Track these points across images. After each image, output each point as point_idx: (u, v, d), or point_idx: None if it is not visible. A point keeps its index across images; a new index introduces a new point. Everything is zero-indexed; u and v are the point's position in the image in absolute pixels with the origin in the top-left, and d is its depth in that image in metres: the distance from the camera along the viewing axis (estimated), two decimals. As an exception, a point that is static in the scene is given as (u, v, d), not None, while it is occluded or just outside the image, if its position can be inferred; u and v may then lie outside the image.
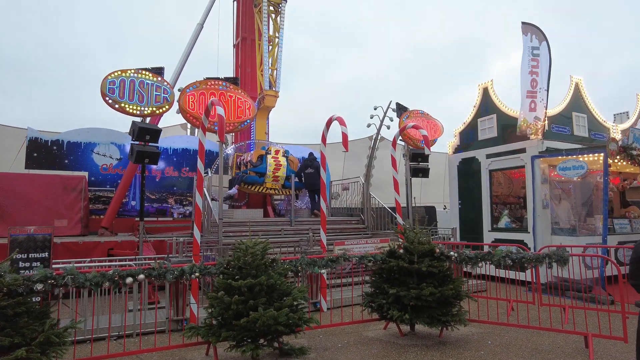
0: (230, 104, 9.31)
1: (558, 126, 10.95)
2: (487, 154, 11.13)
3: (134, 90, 8.28)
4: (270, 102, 12.91)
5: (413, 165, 11.55)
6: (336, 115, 7.40)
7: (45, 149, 12.42)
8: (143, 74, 8.41)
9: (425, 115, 12.18)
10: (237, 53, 15.97)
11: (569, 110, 11.29)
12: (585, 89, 11.75)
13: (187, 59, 14.46)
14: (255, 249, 4.74)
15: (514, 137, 10.52)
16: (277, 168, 11.65)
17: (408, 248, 5.66)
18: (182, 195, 13.84)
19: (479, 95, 11.73)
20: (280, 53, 13.12)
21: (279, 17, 13.31)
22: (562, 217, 10.18)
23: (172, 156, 13.84)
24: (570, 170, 9.30)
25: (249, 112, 9.69)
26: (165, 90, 8.61)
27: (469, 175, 11.68)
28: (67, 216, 11.29)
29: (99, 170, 12.88)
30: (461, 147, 12.18)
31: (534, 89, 10.10)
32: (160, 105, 8.50)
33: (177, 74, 14.00)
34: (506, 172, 11.15)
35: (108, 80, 8.11)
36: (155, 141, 8.29)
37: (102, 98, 8.19)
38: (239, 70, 15.63)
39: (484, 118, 11.47)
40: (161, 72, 8.70)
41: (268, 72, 13.00)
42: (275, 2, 13.27)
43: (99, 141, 12.98)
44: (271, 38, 13.30)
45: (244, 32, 15.32)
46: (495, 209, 11.08)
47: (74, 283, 4.32)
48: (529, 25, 10.39)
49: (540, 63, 10.12)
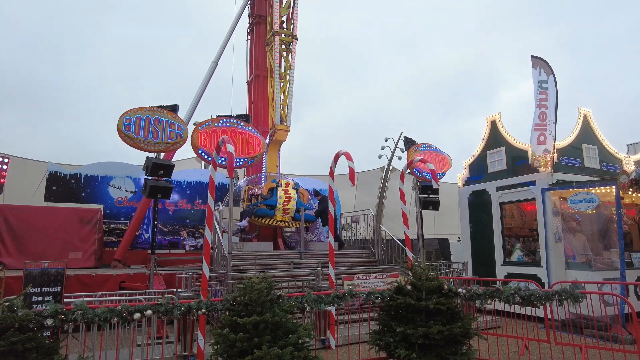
0: (241, 140, 9.60)
1: (568, 158, 10.90)
2: (497, 186, 11.09)
3: (149, 127, 8.62)
4: (282, 136, 13.21)
5: (423, 198, 11.55)
6: (343, 151, 7.55)
7: (63, 182, 12.84)
8: (158, 111, 8.78)
9: (433, 148, 12.28)
10: (250, 89, 16.52)
11: (579, 142, 11.26)
12: (594, 120, 11.75)
13: (201, 95, 15.01)
14: (261, 285, 4.78)
15: (523, 170, 10.50)
16: (287, 200, 11.78)
17: (416, 284, 5.61)
18: (194, 227, 14.02)
19: (487, 128, 11.82)
20: (291, 89, 13.54)
21: (290, 55, 13.82)
22: (577, 250, 9.96)
23: (185, 189, 14.14)
24: (582, 203, 9.18)
25: (259, 147, 9.95)
26: (179, 127, 8.94)
27: (479, 207, 11.61)
28: (82, 248, 11.53)
29: (114, 203, 13.20)
30: (471, 179, 12.17)
31: (543, 122, 10.17)
32: (174, 142, 8.81)
33: (192, 109, 14.50)
34: (518, 204, 11.05)
35: (125, 118, 8.47)
36: (168, 176, 8.54)
37: (118, 135, 8.54)
38: (252, 105, 16.11)
39: (493, 150, 11.51)
40: (176, 109, 9.06)
41: (279, 107, 13.38)
42: (286, 41, 13.82)
43: (115, 174, 13.38)
44: (283, 75, 13.76)
45: (257, 69, 15.91)
46: (508, 242, 10.92)
47: (83, 318, 4.40)
48: (538, 59, 10.57)
49: (548, 96, 10.24)
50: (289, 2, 14.16)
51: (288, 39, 13.83)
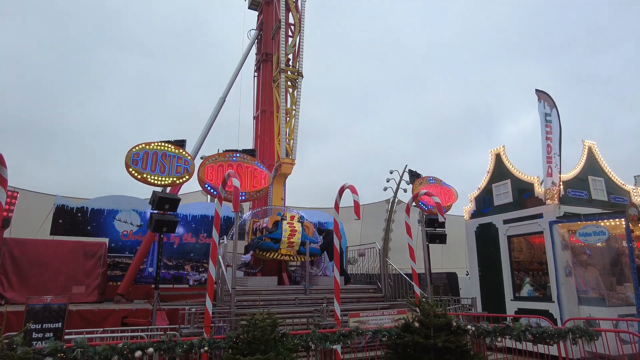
0: (246, 174, 9.70)
1: (574, 190, 10.83)
2: (504, 219, 10.98)
3: (157, 162, 8.75)
4: (287, 170, 13.32)
5: (430, 231, 11.44)
6: (348, 184, 7.58)
7: (70, 215, 12.91)
8: (166, 146, 8.94)
9: (438, 181, 12.29)
10: (257, 124, 16.85)
11: (585, 174, 11.22)
12: (599, 152, 11.77)
13: (209, 129, 15.31)
14: (265, 322, 4.69)
15: (530, 202, 10.43)
16: (292, 234, 11.71)
17: (423, 322, 5.47)
18: (198, 261, 13.91)
19: (492, 161, 11.85)
20: (296, 124, 13.79)
21: (295, 92, 14.17)
22: (590, 284, 9.71)
23: (190, 222, 14.14)
24: (591, 236, 9.04)
25: (264, 181, 10.03)
26: (186, 161, 9.07)
27: (487, 241, 11.45)
28: (85, 282, 11.43)
29: (119, 237, 13.19)
30: (477, 212, 12.08)
31: (550, 155, 10.19)
32: (180, 176, 8.91)
33: (200, 144, 14.75)
34: (526, 237, 10.90)
35: (132, 153, 8.63)
36: (174, 210, 8.58)
37: (126, 169, 8.66)
38: (258, 140, 16.37)
39: (499, 183, 11.48)
40: (183, 144, 9.23)
41: (285, 141, 13.58)
42: (292, 78, 14.21)
43: (121, 208, 13.45)
44: (288, 110, 14.06)
45: (264, 105, 16.29)
46: (517, 276, 10.68)
47: (83, 357, 4.31)
48: (542, 93, 10.74)
49: (552, 129, 10.31)
50: (295, 41, 14.67)
51: (294, 76, 14.23)
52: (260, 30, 17.85)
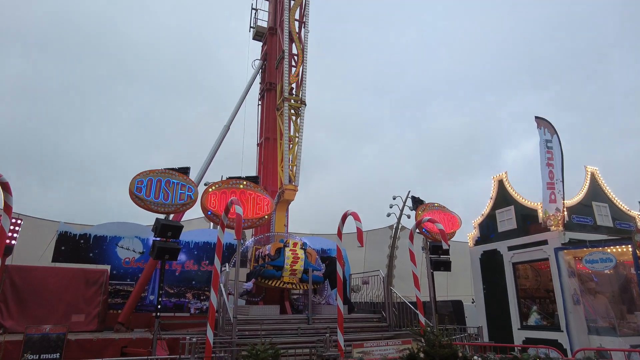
0: (249, 201, 9.72)
1: (579, 217, 10.77)
2: (508, 246, 10.88)
3: (160, 189, 8.81)
4: (290, 196, 13.34)
5: (434, 259, 11.31)
6: (351, 211, 7.58)
7: (73, 242, 12.89)
8: (170, 173, 9.02)
9: (442, 208, 12.24)
10: (260, 151, 17.02)
11: (589, 200, 11.19)
12: (601, 178, 11.76)
13: (213, 157, 15.46)
14: (266, 353, 4.61)
15: (534, 229, 10.36)
16: (295, 261, 11.59)
17: (429, 352, 5.35)
18: (200, 289, 13.74)
19: (495, 187, 11.86)
20: (299, 151, 13.91)
21: (299, 119, 14.38)
22: (599, 313, 9.50)
23: (193, 249, 14.06)
24: (598, 263, 8.92)
25: (267, 208, 10.03)
26: (190, 188, 9.12)
27: (492, 268, 11.31)
28: (85, 311, 11.28)
29: (121, 264, 13.11)
30: (481, 239, 11.98)
31: (552, 181, 10.21)
32: (184, 203, 8.95)
33: (203, 171, 14.87)
34: (531, 264, 10.76)
35: (137, 180, 8.70)
36: (177, 237, 8.56)
37: (130, 196, 8.72)
38: (261, 166, 16.49)
39: (502, 210, 11.44)
40: (187, 171, 9.31)
41: (288, 168, 13.67)
42: (295, 106, 14.45)
43: (124, 235, 13.42)
44: (292, 138, 14.23)
45: (267, 132, 16.51)
46: (524, 304, 10.48)
47: (81, 389, 4.23)
48: (542, 120, 10.86)
49: (554, 155, 10.37)
50: (298, 71, 15.01)
51: (297, 104, 14.48)
52: (265, 61, 18.31)
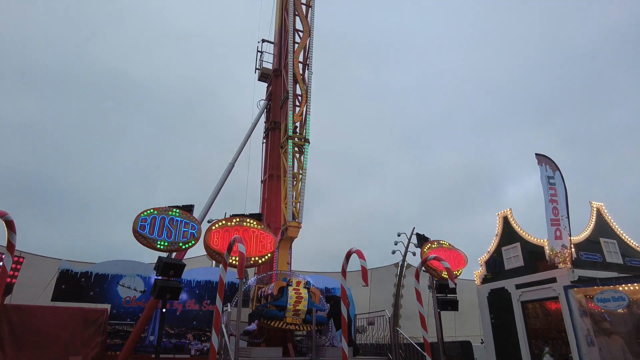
0: (252, 239, 9.68)
1: (587, 253, 10.59)
2: (516, 284, 10.65)
3: (164, 227, 8.82)
4: (293, 233, 13.26)
5: (440, 298, 11.05)
6: (355, 248, 7.51)
7: (74, 280, 12.73)
8: (173, 211, 9.06)
9: (447, 245, 12.09)
10: (264, 188, 17.11)
11: (596, 236, 11.04)
12: (608, 214, 11.65)
13: (217, 194, 15.53)
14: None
15: (542, 266, 10.17)
16: (298, 301, 11.33)
17: (437, 398, 5.12)
18: (201, 330, 13.39)
19: (500, 224, 11.76)
20: (303, 187, 13.98)
21: (302, 157, 14.55)
22: (615, 355, 9.13)
23: (194, 288, 13.84)
24: (610, 302, 8.67)
25: (270, 246, 9.96)
26: (193, 226, 9.14)
27: (500, 307, 11.01)
28: (83, 352, 10.98)
29: (121, 303, 12.88)
30: (488, 276, 11.75)
31: (557, 217, 10.13)
32: (187, 241, 8.92)
33: (207, 208, 14.90)
34: (541, 303, 10.47)
35: (140, 218, 8.73)
36: (179, 276, 8.47)
37: (133, 234, 8.72)
38: (265, 203, 16.52)
39: (508, 247, 11.29)
40: (191, 209, 9.35)
41: (292, 204, 13.68)
42: (299, 144, 14.68)
43: (125, 273, 13.27)
44: (295, 174, 14.33)
45: (271, 169, 16.67)
46: (535, 345, 10.11)
47: None
48: (542, 157, 10.92)
49: (557, 191, 10.34)
50: (302, 110, 15.36)
51: (301, 142, 14.70)
52: (269, 100, 18.79)
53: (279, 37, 19.13)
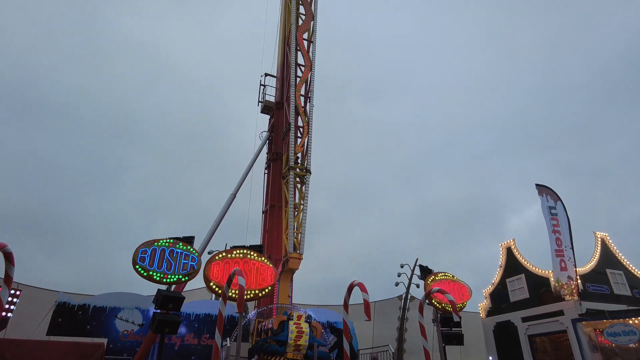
0: (253, 271, 9.57)
1: (594, 285, 10.38)
2: (522, 317, 10.38)
3: (164, 259, 8.75)
4: (294, 265, 13.11)
5: (445, 331, 10.77)
6: (357, 281, 7.40)
7: (70, 314, 12.49)
8: (174, 243, 9.01)
9: (451, 278, 11.91)
10: (265, 218, 17.08)
11: (602, 267, 10.85)
12: (612, 244, 11.50)
13: (218, 224, 15.48)
14: None
15: (548, 298, 9.95)
16: (299, 336, 11.03)
17: None
18: (199, 365, 13.00)
19: (503, 255, 11.60)
20: (304, 218, 13.94)
21: (304, 187, 14.60)
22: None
23: (194, 322, 13.54)
24: (620, 336, 8.41)
25: (271, 278, 9.84)
26: (193, 258, 9.05)
27: (507, 341, 10.68)
28: (78, 389, 10.62)
29: (119, 337, 12.58)
30: (493, 309, 11.48)
31: (560, 248, 10.00)
32: (187, 273, 8.82)
33: (208, 239, 14.82)
34: (549, 336, 10.16)
35: (140, 250, 8.67)
36: (178, 309, 8.32)
37: (132, 266, 8.63)
38: (266, 234, 16.44)
39: (513, 278, 11.09)
40: (191, 241, 9.30)
41: (293, 235, 13.59)
42: (300, 175, 14.76)
43: (124, 306, 13.03)
44: (297, 205, 14.33)
45: (273, 200, 16.69)
46: (546, 383, 9.75)
47: None
48: (543, 187, 10.91)
49: (559, 222, 10.26)
50: (304, 142, 15.54)
51: (302, 172, 14.79)
52: (272, 132, 19.07)
53: (282, 71, 19.64)
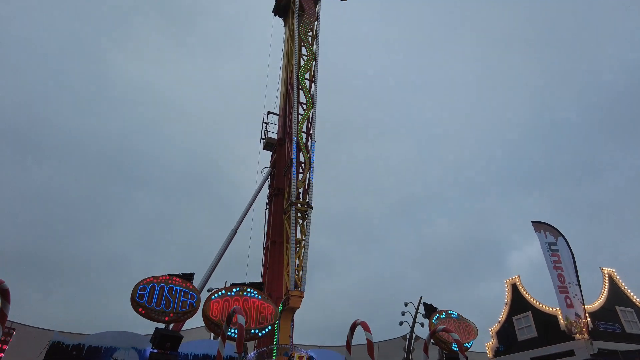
0: (253, 309, 9.38)
1: (605, 323, 10.07)
2: (531, 357, 10.00)
3: (163, 296, 8.61)
4: (295, 303, 12.81)
5: (451, 373, 10.37)
6: (360, 320, 7.24)
7: (64, 354, 12.04)
8: (173, 280, 8.89)
9: (456, 316, 11.60)
10: (266, 255, 16.90)
11: (611, 305, 10.56)
12: (620, 280, 11.26)
13: (218, 261, 15.32)
14: None
15: (557, 337, 9.62)
16: (301, 378, 10.64)
17: None
18: (195, 412, 12.41)
19: (509, 292, 11.34)
20: (306, 254, 13.78)
21: (305, 222, 14.54)
22: None
23: (191, 363, 13.07)
24: (635, 379, 8.08)
25: (271, 317, 9.63)
26: (193, 295, 8.91)
27: (517, 384, 10.25)
28: None
29: (112, 381, 12.10)
30: (500, 349, 11.09)
31: (564, 284, 9.79)
32: (185, 311, 8.66)
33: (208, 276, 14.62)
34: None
35: (140, 287, 8.56)
36: (176, 349, 8.09)
37: (131, 304, 8.47)
38: (267, 271, 16.21)
39: (519, 316, 10.79)
40: (191, 278, 9.18)
41: (294, 272, 13.39)
42: (302, 210, 14.75)
43: (120, 345, 12.59)
44: (298, 241, 14.22)
45: (274, 236, 16.59)
46: None
47: None
48: (540, 224, 10.80)
49: (562, 258, 10.09)
50: (305, 177, 15.65)
51: (304, 208, 14.78)
52: (273, 168, 19.24)
53: (284, 109, 20.10)
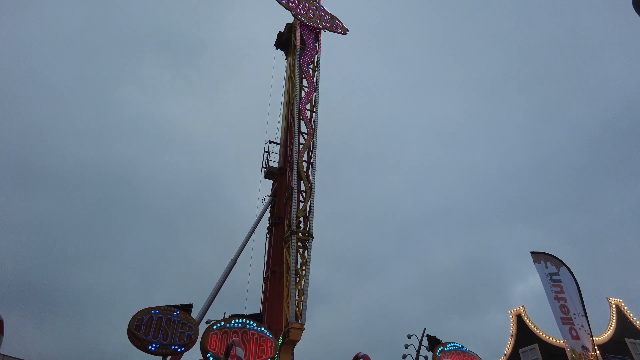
0: (252, 342, 9.16)
1: (615, 356, 9.76)
2: (541, 393, 9.66)
3: (160, 327, 8.44)
4: (296, 336, 12.47)
5: (458, 409, 9.97)
6: (362, 353, 7.07)
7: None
8: (171, 311, 8.74)
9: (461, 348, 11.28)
10: (266, 285, 16.64)
11: (621, 336, 10.27)
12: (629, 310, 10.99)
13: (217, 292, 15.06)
14: None
15: (566, 372, 9.32)
16: (301, 416, 10.24)
17: None
18: None
19: (514, 323, 11.08)
20: (306, 285, 13.53)
21: (306, 252, 14.38)
22: None
23: (187, 400, 12.60)
24: (649, 416, 7.75)
25: (271, 350, 9.40)
26: (191, 327, 8.73)
27: (527, 421, 9.83)
28: None
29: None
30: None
31: (568, 315, 9.53)
32: (183, 343, 8.46)
33: (206, 307, 14.34)
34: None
35: (137, 318, 8.39)
36: (171, 385, 7.83)
37: (127, 335, 8.29)
38: (266, 302, 15.90)
39: (526, 348, 10.49)
40: (190, 309, 9.02)
41: (294, 303, 13.12)
42: (302, 239, 14.62)
43: (114, 382, 12.24)
44: (298, 271, 14.01)
45: (274, 266, 16.38)
46: None
47: None
48: (540, 254, 10.63)
49: (565, 288, 9.85)
50: (306, 206, 15.63)
51: (305, 237, 14.67)
52: (274, 197, 19.26)
53: (285, 138, 20.34)
